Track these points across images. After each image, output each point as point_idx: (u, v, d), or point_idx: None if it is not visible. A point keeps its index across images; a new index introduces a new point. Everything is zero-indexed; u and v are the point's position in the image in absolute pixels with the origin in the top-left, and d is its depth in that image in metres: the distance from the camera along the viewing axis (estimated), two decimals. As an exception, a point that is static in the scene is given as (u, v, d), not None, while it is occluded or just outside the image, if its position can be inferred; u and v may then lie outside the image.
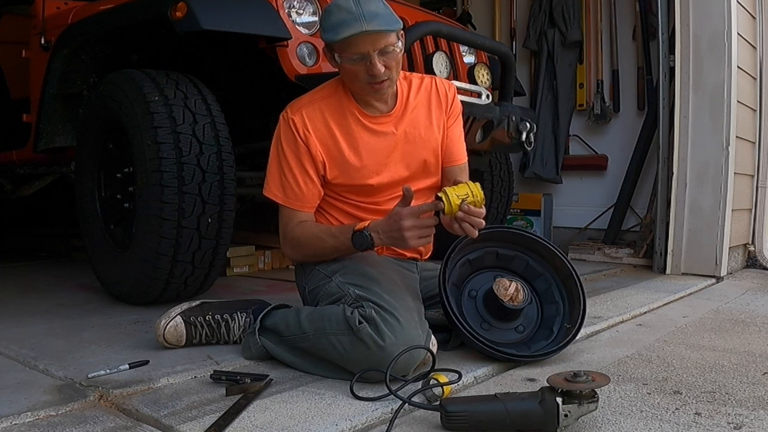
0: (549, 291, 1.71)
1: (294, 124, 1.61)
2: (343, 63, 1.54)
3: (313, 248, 1.62)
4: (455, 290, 1.65)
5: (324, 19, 1.54)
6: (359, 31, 1.47)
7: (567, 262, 1.71)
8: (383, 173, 1.67)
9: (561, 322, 1.66)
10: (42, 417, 1.22)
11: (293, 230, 1.63)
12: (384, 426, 1.20)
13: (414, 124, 1.69)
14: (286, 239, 1.66)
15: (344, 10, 1.48)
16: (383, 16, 1.49)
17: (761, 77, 3.47)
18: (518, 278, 1.66)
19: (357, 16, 1.47)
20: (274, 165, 1.64)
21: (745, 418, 1.25)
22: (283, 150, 1.63)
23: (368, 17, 1.47)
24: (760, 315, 2.25)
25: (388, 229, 1.49)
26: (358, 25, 1.47)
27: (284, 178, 1.62)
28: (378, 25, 1.48)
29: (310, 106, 1.63)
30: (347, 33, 1.48)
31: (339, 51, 1.52)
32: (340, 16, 1.49)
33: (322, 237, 1.60)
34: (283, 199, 1.63)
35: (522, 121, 2.59)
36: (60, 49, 2.50)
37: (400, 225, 1.46)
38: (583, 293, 1.67)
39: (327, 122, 1.62)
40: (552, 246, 1.73)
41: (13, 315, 2.08)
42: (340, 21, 1.48)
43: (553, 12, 4.00)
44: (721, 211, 3.02)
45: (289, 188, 1.62)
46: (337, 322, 1.43)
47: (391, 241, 1.52)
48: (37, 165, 3.00)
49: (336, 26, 1.49)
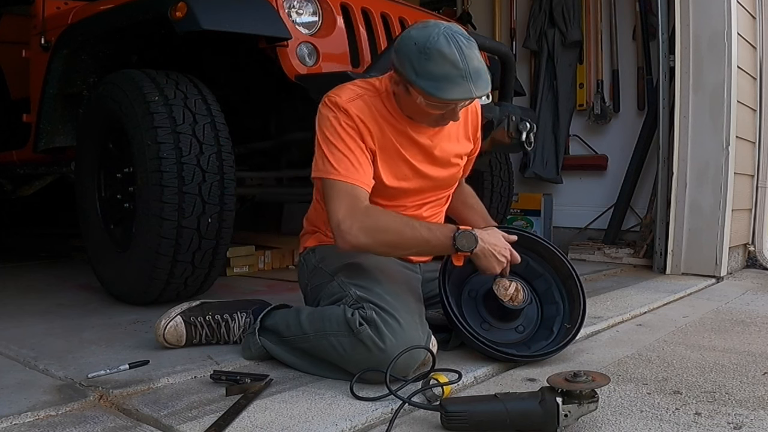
0: (549, 291, 1.71)
1: (346, 111, 1.51)
2: (424, 106, 1.47)
3: (398, 235, 1.46)
4: (455, 290, 1.65)
5: (418, 61, 1.41)
6: (468, 97, 1.43)
7: (567, 262, 1.71)
8: (414, 181, 1.64)
9: (561, 322, 1.66)
10: (42, 417, 1.22)
11: (368, 211, 1.47)
12: (384, 426, 1.20)
13: (449, 139, 1.68)
14: (355, 221, 1.44)
15: (449, 62, 1.39)
16: (484, 74, 1.43)
17: (761, 77, 3.47)
18: (518, 278, 1.66)
19: (464, 74, 1.39)
20: (326, 145, 1.51)
21: (745, 418, 1.25)
22: (336, 130, 1.50)
23: (474, 76, 1.40)
24: (760, 315, 2.25)
25: (494, 246, 1.49)
26: (467, 90, 1.41)
27: (339, 154, 1.48)
28: (483, 88, 1.42)
29: (359, 100, 1.55)
30: (454, 96, 1.42)
31: (429, 100, 1.44)
32: (444, 68, 1.39)
33: (415, 225, 1.48)
34: (341, 175, 1.47)
35: (522, 121, 2.59)
36: (60, 49, 2.50)
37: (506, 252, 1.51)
38: (583, 293, 1.67)
39: (377, 118, 1.56)
40: (552, 246, 1.73)
41: (13, 315, 2.08)
42: (445, 76, 1.39)
43: (553, 12, 4.00)
44: (721, 211, 3.02)
45: (347, 163, 1.48)
46: (338, 323, 1.42)
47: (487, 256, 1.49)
48: (37, 165, 3.00)
49: (439, 80, 1.40)
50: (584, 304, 1.66)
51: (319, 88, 2.08)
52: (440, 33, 1.41)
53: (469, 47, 1.42)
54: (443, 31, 1.42)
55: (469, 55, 1.41)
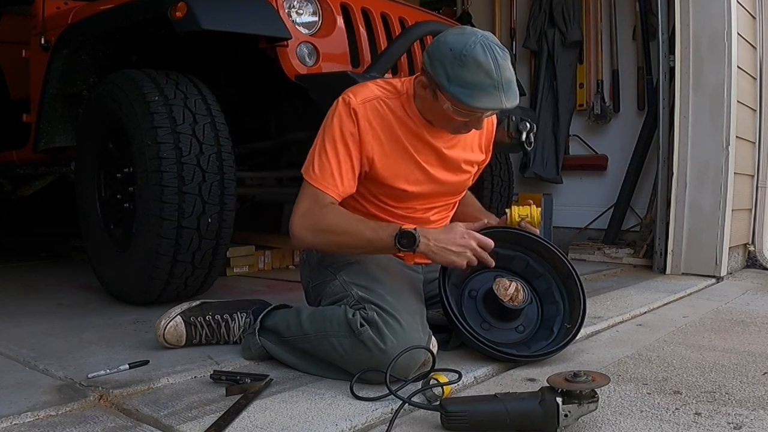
0: (549, 291, 1.71)
1: (354, 113, 1.52)
2: (447, 110, 1.47)
3: (342, 236, 1.48)
4: (455, 290, 1.65)
5: (452, 68, 1.42)
6: (498, 108, 1.43)
7: (567, 261, 1.71)
8: (425, 185, 1.63)
9: (561, 322, 1.66)
10: (42, 417, 1.22)
11: (321, 211, 1.49)
12: (384, 426, 1.20)
13: (464, 146, 1.68)
14: (306, 220, 1.50)
15: (484, 71, 1.39)
16: (515, 86, 1.44)
17: (761, 77, 3.47)
18: (518, 278, 1.66)
19: (497, 84, 1.40)
20: (319, 145, 1.54)
21: (745, 418, 1.25)
22: (333, 133, 1.52)
23: (506, 87, 1.41)
24: (760, 315, 2.25)
25: (444, 241, 1.45)
26: (498, 100, 1.41)
27: (326, 159, 1.51)
28: (514, 100, 1.43)
29: (374, 102, 1.55)
30: (485, 105, 1.42)
31: (458, 106, 1.45)
32: (478, 77, 1.40)
33: (359, 227, 1.48)
34: (315, 178, 1.51)
35: (522, 121, 2.59)
36: (60, 49, 2.50)
37: (464, 242, 1.45)
38: (583, 293, 1.67)
39: (390, 123, 1.56)
40: (552, 246, 1.73)
41: (13, 315, 2.08)
42: (478, 84, 1.40)
43: (553, 12, 4.00)
44: (721, 211, 3.02)
45: (327, 170, 1.51)
46: (339, 324, 1.42)
47: (439, 252, 1.45)
48: (37, 165, 3.00)
49: (472, 88, 1.40)
50: (584, 303, 1.66)
51: (319, 88, 2.09)
52: (477, 42, 1.41)
53: (503, 58, 1.42)
54: (480, 40, 1.41)
55: (503, 65, 1.41)
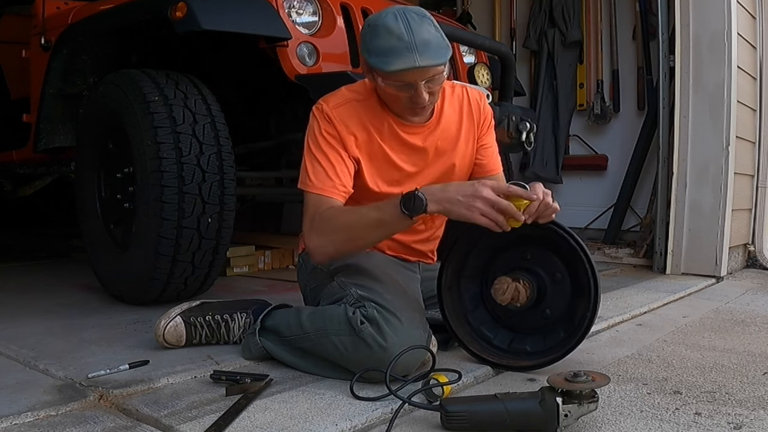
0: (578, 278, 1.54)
1: (329, 118, 1.53)
2: (386, 87, 1.47)
3: (350, 228, 1.44)
4: (472, 281, 1.60)
5: (369, 39, 1.45)
6: (411, 67, 1.40)
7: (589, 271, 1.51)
8: (406, 184, 1.58)
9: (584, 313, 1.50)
10: (42, 417, 1.22)
11: (324, 216, 1.46)
12: (384, 426, 1.20)
13: (445, 136, 1.64)
14: (314, 226, 1.47)
15: (394, 35, 1.40)
16: (435, 47, 1.42)
17: (761, 77, 3.46)
18: (526, 274, 1.53)
19: (409, 45, 1.39)
20: (308, 156, 1.54)
21: (745, 418, 1.25)
22: (317, 140, 1.52)
23: (420, 48, 1.40)
24: (760, 315, 2.25)
25: (451, 191, 1.35)
26: (411, 59, 1.39)
27: (317, 165, 1.51)
28: (431, 58, 1.41)
29: (346, 105, 1.56)
30: (398, 66, 1.40)
31: (383, 77, 1.45)
32: (390, 42, 1.40)
33: (362, 212, 1.45)
34: (313, 186, 1.50)
35: (522, 121, 2.59)
36: (60, 49, 2.50)
37: (478, 191, 1.32)
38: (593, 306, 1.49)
39: (365, 123, 1.55)
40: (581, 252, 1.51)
41: (13, 315, 2.08)
42: (390, 48, 1.40)
43: (553, 12, 4.00)
44: (721, 211, 3.01)
45: (321, 173, 1.50)
46: (339, 323, 1.42)
47: (451, 206, 1.35)
48: (37, 165, 3.00)
49: (386, 54, 1.41)
50: (592, 318, 1.50)
51: (319, 88, 2.09)
52: (389, 11, 1.43)
53: (419, 22, 1.42)
54: (393, 10, 1.43)
55: (416, 28, 1.40)
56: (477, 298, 1.64)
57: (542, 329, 1.57)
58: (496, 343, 1.60)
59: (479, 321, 1.62)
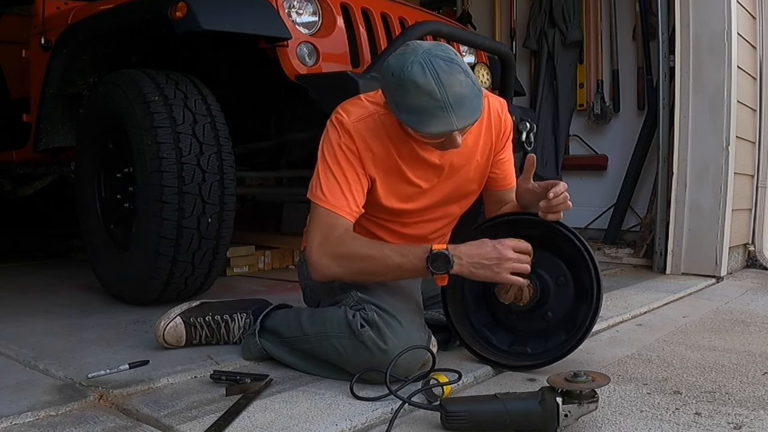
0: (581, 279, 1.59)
1: (349, 133, 1.45)
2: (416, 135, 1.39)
3: (368, 261, 1.40)
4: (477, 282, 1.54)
5: (397, 94, 1.34)
6: (449, 130, 1.32)
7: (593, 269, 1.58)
8: (418, 200, 1.57)
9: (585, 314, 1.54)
10: (42, 417, 1.22)
11: (341, 239, 1.41)
12: (384, 426, 1.20)
13: (461, 152, 1.53)
14: (326, 246, 1.42)
15: (425, 93, 1.29)
16: (469, 101, 1.32)
17: (761, 77, 3.46)
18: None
19: (443, 104, 1.29)
20: (322, 166, 1.47)
21: (745, 418, 1.25)
22: (333, 152, 1.46)
23: (455, 106, 1.30)
24: (760, 315, 2.25)
25: (477, 256, 1.35)
26: (447, 122, 1.31)
27: (331, 179, 1.44)
28: (467, 117, 1.32)
29: (368, 119, 1.48)
30: (434, 130, 1.32)
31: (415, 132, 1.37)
32: (421, 100, 1.30)
33: (385, 251, 1.40)
34: (326, 201, 1.44)
35: (522, 121, 2.59)
36: (60, 49, 2.50)
37: (502, 254, 1.34)
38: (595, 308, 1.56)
39: (383, 139, 1.48)
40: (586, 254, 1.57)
41: (13, 315, 2.08)
42: (422, 108, 1.30)
43: (553, 12, 4.00)
44: (721, 211, 3.01)
45: (336, 189, 1.44)
46: (339, 325, 1.42)
47: (477, 270, 1.36)
48: (37, 165, 3.00)
49: (418, 113, 1.31)
50: (593, 321, 1.54)
51: (319, 88, 2.09)
52: (416, 60, 1.30)
53: (448, 72, 1.30)
54: (420, 58, 1.30)
55: (447, 81, 1.29)
56: (480, 299, 1.63)
57: (544, 332, 1.57)
58: (497, 345, 1.60)
59: (481, 322, 1.62)
